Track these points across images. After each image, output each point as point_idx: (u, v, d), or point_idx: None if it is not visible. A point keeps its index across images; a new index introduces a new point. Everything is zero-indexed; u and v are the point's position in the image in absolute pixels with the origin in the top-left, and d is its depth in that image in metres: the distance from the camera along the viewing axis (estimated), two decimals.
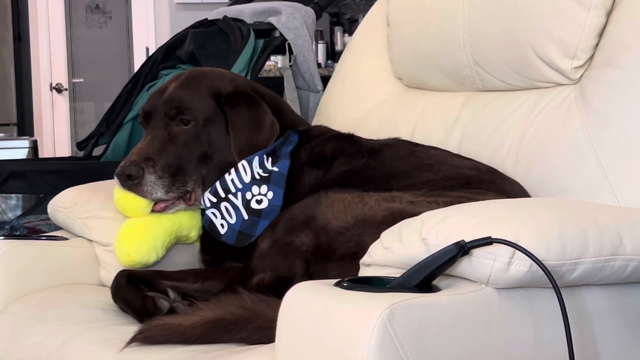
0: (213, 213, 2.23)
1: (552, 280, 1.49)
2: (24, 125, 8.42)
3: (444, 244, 1.52)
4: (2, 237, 2.28)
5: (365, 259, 1.69)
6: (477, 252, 1.52)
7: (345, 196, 1.99)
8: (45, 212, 2.51)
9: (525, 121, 2.20)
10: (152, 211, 2.24)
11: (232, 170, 2.23)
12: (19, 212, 3.26)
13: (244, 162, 2.24)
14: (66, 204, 2.38)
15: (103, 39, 8.31)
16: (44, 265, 2.26)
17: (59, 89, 8.16)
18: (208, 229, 2.26)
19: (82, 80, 8.29)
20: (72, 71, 8.28)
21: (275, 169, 2.24)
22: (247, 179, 2.22)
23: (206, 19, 3.59)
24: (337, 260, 1.91)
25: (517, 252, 1.51)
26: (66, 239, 2.34)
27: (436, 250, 1.51)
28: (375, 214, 1.91)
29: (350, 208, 1.95)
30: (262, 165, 2.24)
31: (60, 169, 3.13)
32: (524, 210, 1.68)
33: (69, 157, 5.19)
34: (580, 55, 2.10)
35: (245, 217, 2.20)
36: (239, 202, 2.21)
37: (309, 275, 1.91)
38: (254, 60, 3.33)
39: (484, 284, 1.54)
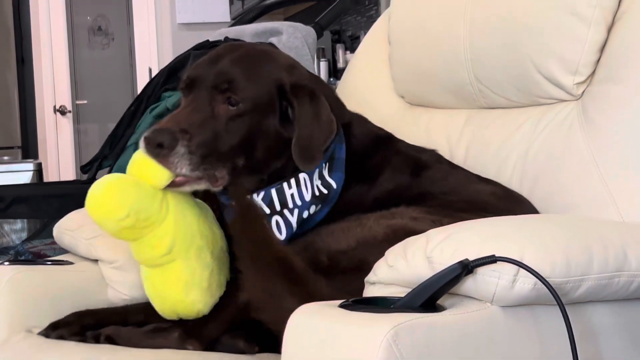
0: None
1: (556, 297, 1.48)
2: (28, 148, 8.44)
3: (448, 262, 1.52)
4: (7, 263, 2.27)
5: (370, 277, 1.69)
6: (481, 271, 1.52)
7: (343, 224, 1.98)
8: (50, 237, 2.50)
9: (529, 138, 2.20)
10: (171, 184, 2.05)
11: (293, 183, 2.07)
12: (23, 237, 3.27)
13: (304, 175, 2.07)
14: (72, 226, 2.37)
15: (106, 60, 8.34)
16: (49, 290, 2.24)
17: (62, 111, 8.19)
18: None
19: (85, 101, 8.32)
20: (76, 93, 8.30)
21: (333, 184, 2.09)
22: (307, 196, 2.07)
23: (207, 40, 3.60)
24: (339, 274, 1.89)
25: (522, 269, 1.51)
26: (72, 263, 2.33)
27: (441, 269, 1.51)
28: (377, 233, 1.91)
29: (350, 232, 1.94)
30: (321, 175, 2.09)
31: (64, 193, 3.13)
32: (528, 227, 1.68)
33: (73, 180, 5.20)
34: (582, 71, 2.10)
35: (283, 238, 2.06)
36: (293, 220, 2.07)
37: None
38: None
39: (489, 302, 1.54)
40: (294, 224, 2.06)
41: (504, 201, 2.12)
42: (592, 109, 2.08)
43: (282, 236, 2.05)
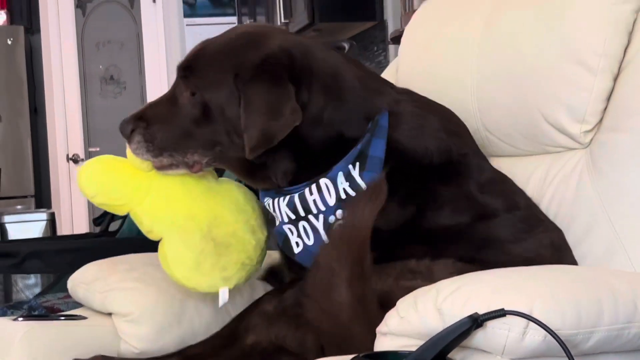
0: (290, 229, 2.04)
1: (566, 350, 1.49)
2: (42, 197, 8.47)
3: (459, 314, 1.53)
4: (21, 318, 2.27)
5: (381, 328, 1.69)
6: (491, 324, 1.52)
7: None
8: (63, 291, 2.50)
9: (540, 189, 2.19)
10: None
11: (315, 189, 1.99)
12: (37, 291, 3.26)
13: (326, 180, 1.99)
14: (87, 279, 2.36)
15: (118, 108, 8.38)
16: (63, 345, 2.23)
17: (75, 160, 8.22)
18: (281, 244, 2.08)
19: (98, 149, 8.35)
20: (89, 141, 8.34)
21: (363, 187, 1.97)
22: (331, 201, 1.99)
23: None
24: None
25: (531, 322, 1.51)
26: (85, 317, 2.33)
27: (451, 321, 1.52)
28: (394, 295, 1.79)
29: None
30: (348, 177, 1.99)
31: (77, 247, 3.13)
32: (538, 278, 1.69)
33: (85, 234, 5.21)
34: (589, 120, 2.11)
35: (325, 239, 1.98)
36: (319, 225, 1.99)
37: (322, 349, 1.88)
38: None
39: (499, 355, 1.54)
40: (321, 229, 1.99)
41: (558, 253, 2.05)
42: (600, 157, 2.08)
43: (310, 242, 2.00)
